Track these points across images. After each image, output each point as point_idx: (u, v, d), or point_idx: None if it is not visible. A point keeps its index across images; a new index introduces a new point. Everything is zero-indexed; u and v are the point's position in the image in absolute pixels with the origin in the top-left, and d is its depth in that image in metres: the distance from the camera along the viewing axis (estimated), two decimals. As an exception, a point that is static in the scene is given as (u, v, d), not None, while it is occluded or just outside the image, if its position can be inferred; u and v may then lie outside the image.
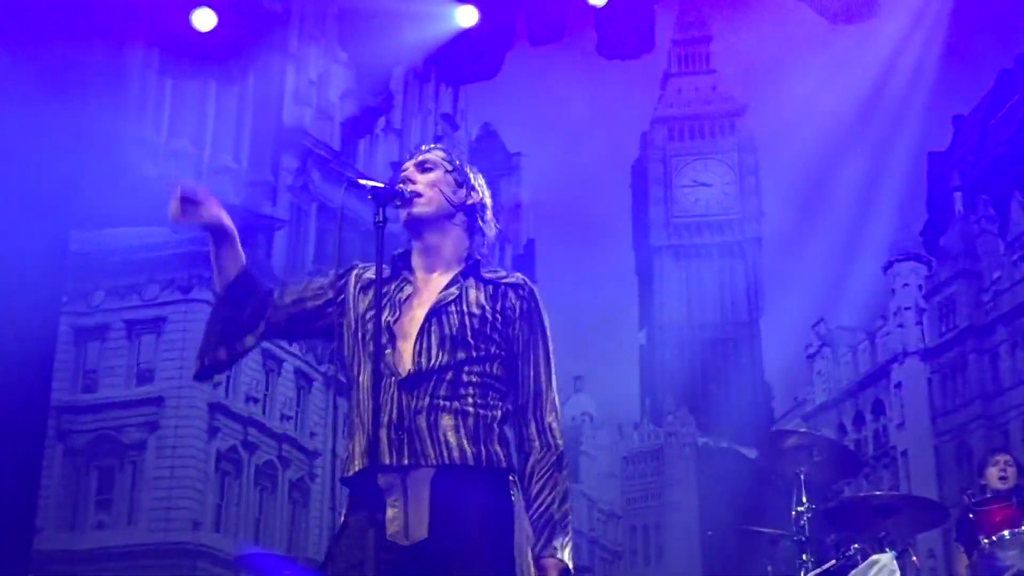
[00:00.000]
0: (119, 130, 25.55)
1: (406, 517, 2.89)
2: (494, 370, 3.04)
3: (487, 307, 3.07)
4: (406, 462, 2.90)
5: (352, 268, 3.26)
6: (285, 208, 28.97)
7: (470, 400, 2.96)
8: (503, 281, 3.13)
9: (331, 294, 3.19)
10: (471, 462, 2.92)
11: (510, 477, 3.00)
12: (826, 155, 44.24)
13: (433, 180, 3.19)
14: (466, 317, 3.04)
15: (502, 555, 2.89)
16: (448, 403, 2.93)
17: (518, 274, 3.21)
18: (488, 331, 3.03)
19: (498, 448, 2.98)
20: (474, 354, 3.01)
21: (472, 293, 3.09)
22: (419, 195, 3.12)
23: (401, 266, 3.18)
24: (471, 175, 3.26)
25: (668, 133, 64.30)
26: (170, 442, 24.03)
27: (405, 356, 2.98)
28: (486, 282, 3.12)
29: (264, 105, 28.72)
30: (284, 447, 25.99)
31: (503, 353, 3.07)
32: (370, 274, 3.18)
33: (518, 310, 3.09)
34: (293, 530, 25.81)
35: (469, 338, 3.01)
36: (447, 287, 3.09)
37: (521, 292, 3.12)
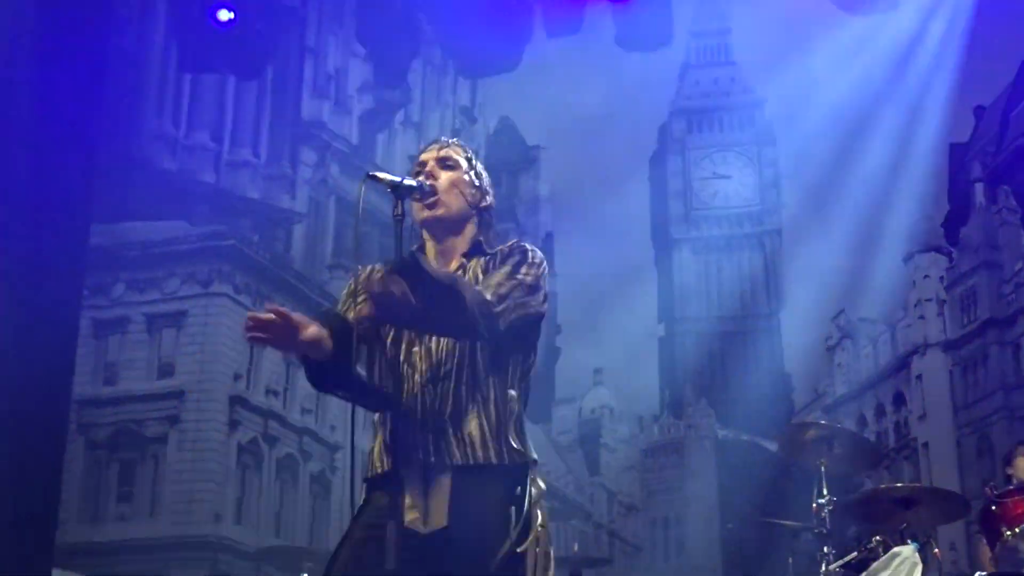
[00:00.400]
0: (139, 125, 25.71)
1: (426, 505, 2.90)
2: (509, 344, 3.02)
3: (481, 276, 3.08)
4: (432, 460, 2.93)
5: (359, 274, 3.21)
6: (304, 202, 29.03)
7: (491, 386, 2.96)
8: (500, 248, 3.14)
9: (349, 311, 3.18)
10: (494, 460, 2.93)
11: (529, 473, 3.01)
12: (846, 146, 44.16)
13: (455, 180, 3.16)
14: None
15: (520, 551, 2.90)
16: (470, 395, 2.95)
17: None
18: None
19: (518, 442, 2.99)
20: None
21: (474, 270, 3.09)
22: (438, 195, 3.10)
23: None
24: (485, 176, 3.24)
25: (687, 125, 64.16)
26: (191, 435, 24.12)
27: (422, 347, 3.01)
28: (487, 256, 3.12)
29: (282, 99, 28.80)
30: (304, 440, 26.06)
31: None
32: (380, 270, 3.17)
33: (499, 257, 3.08)
34: (314, 523, 25.89)
35: None
36: (455, 271, 3.10)
37: (510, 247, 3.12)
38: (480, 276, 3.11)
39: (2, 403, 6.04)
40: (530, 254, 3.14)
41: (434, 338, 3.02)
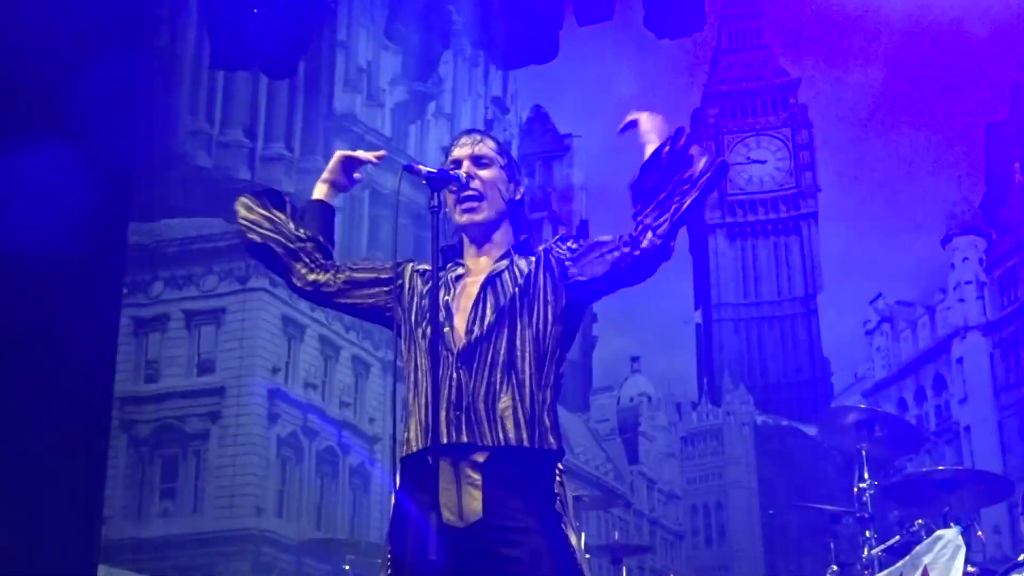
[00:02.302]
0: (174, 122, 25.87)
1: (459, 501, 2.92)
2: (548, 334, 3.05)
3: (531, 269, 3.10)
4: (465, 440, 2.92)
5: (406, 261, 3.29)
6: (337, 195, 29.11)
7: (527, 372, 2.98)
8: (548, 244, 3.18)
9: (384, 275, 3.25)
10: (526, 443, 2.94)
11: (559, 465, 3.03)
12: (882, 128, 43.88)
13: (492, 179, 3.18)
14: (517, 282, 3.07)
15: (553, 538, 2.92)
16: (505, 378, 2.98)
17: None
18: (534, 291, 3.04)
19: (550, 431, 3.00)
20: (525, 316, 3.03)
21: (522, 262, 3.11)
22: (481, 197, 3.13)
23: (452, 255, 3.21)
24: (516, 165, 3.27)
25: (720, 110, 63.90)
26: (231, 430, 24.29)
27: (460, 329, 3.03)
28: (534, 253, 3.16)
29: (315, 93, 28.89)
30: (344, 433, 26.20)
31: (555, 312, 3.08)
32: (423, 266, 3.23)
33: (559, 256, 3.13)
34: (355, 515, 26.03)
35: (518, 302, 3.04)
36: (498, 260, 3.13)
37: (562, 243, 3.17)
38: (530, 266, 3.14)
39: (45, 402, 6.11)
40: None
41: (464, 315, 3.06)
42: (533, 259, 3.15)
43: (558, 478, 3.02)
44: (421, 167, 3.07)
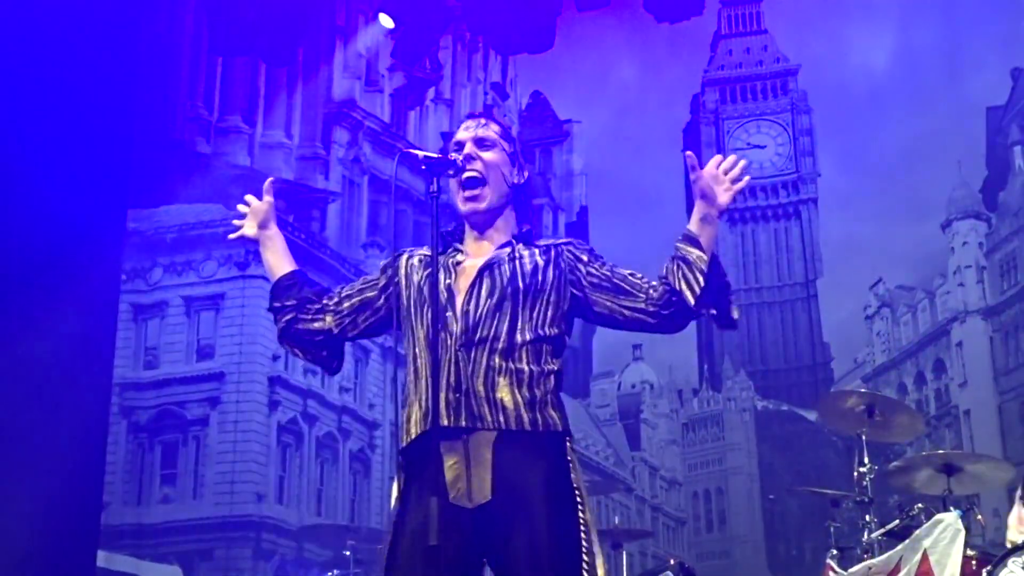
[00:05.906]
0: (172, 109, 25.81)
1: (468, 480, 2.90)
2: (547, 328, 3.02)
3: (540, 263, 3.08)
4: (463, 423, 2.91)
5: (400, 253, 3.27)
6: (337, 181, 29.09)
7: (525, 360, 2.98)
8: (558, 243, 3.15)
9: (384, 280, 3.22)
10: (527, 427, 2.94)
11: (567, 440, 3.01)
12: (882, 112, 43.76)
13: (494, 161, 3.17)
14: (518, 270, 3.05)
15: (565, 520, 2.90)
16: (504, 363, 2.96)
17: (571, 239, 3.22)
18: (540, 284, 3.02)
19: (553, 412, 2.98)
20: (527, 307, 3.03)
21: (526, 253, 3.10)
22: (483, 180, 3.11)
23: (452, 240, 3.20)
24: (522, 151, 3.25)
25: (719, 95, 63.65)
26: (232, 417, 24.30)
27: (458, 312, 3.02)
28: (538, 247, 3.13)
29: (313, 79, 28.82)
30: (344, 419, 26.20)
31: (557, 311, 3.06)
32: (421, 252, 3.22)
33: (573, 257, 3.10)
34: (355, 500, 26.07)
35: (521, 290, 3.04)
36: (500, 247, 3.14)
37: (577, 246, 3.15)
38: (535, 257, 3.12)
39: (44, 389, 6.11)
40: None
41: (469, 304, 3.04)
42: (538, 251, 3.14)
43: (568, 457, 3.00)
44: (418, 152, 3.06)
